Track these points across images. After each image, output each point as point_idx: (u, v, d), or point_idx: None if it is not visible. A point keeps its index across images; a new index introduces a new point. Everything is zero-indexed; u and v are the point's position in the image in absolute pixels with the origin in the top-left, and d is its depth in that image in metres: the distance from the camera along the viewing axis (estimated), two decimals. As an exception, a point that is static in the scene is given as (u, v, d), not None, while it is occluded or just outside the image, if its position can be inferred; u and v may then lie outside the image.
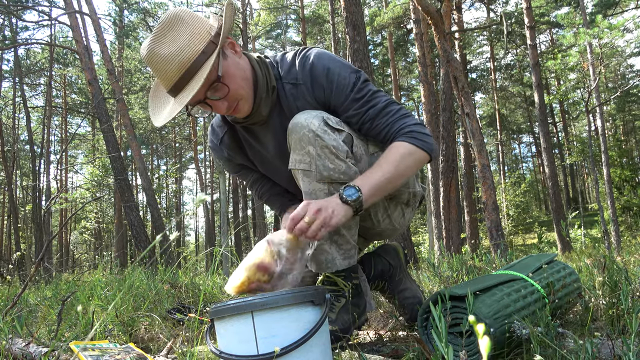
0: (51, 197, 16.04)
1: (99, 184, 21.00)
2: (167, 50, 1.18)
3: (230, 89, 1.26)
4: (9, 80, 18.83)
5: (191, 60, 1.18)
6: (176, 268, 3.31)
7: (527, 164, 40.67)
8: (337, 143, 1.29)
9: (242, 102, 1.31)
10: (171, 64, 1.18)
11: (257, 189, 1.64)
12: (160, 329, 1.71)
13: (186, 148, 29.99)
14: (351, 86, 1.34)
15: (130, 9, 17.16)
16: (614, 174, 18.79)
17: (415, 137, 1.33)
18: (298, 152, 1.31)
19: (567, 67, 13.56)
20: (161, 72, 1.20)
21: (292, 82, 1.37)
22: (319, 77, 1.34)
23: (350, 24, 5.99)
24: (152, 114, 1.34)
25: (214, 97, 1.25)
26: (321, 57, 1.36)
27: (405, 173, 1.32)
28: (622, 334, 1.22)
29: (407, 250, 5.79)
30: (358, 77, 1.36)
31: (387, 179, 1.28)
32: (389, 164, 1.29)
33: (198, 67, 1.18)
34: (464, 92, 6.47)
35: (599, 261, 1.95)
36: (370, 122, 1.36)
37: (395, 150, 1.32)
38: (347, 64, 1.38)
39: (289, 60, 1.39)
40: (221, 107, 1.29)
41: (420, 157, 1.33)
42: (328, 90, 1.35)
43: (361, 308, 1.47)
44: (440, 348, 0.76)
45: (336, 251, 1.37)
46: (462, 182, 15.17)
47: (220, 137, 1.55)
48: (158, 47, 1.19)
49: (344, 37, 7.38)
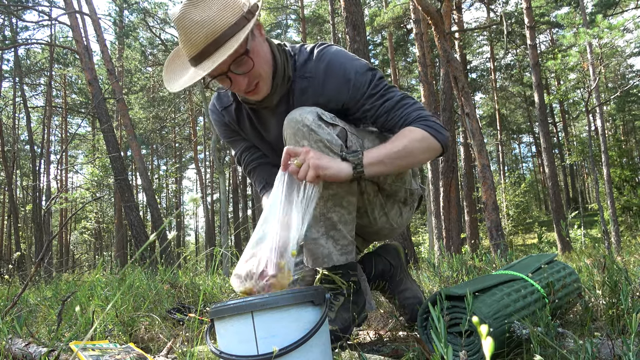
0: (51, 197, 16.04)
1: (99, 184, 21.01)
2: (199, 16, 1.18)
3: (255, 65, 1.27)
4: (9, 80, 18.84)
5: (222, 29, 1.18)
6: (176, 268, 3.31)
7: (527, 164, 40.70)
8: (331, 137, 1.29)
9: (261, 82, 1.32)
10: (201, 30, 1.18)
11: (245, 158, 1.62)
12: (160, 329, 1.71)
13: (186, 148, 29.99)
14: (367, 83, 1.37)
15: (130, 9, 17.16)
16: (614, 174, 18.79)
17: (431, 125, 1.33)
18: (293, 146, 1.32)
19: (567, 67, 13.57)
20: (189, 37, 1.19)
21: (305, 76, 1.39)
22: (335, 74, 1.36)
23: (350, 24, 5.99)
24: (167, 81, 1.33)
25: (237, 72, 1.26)
26: (338, 54, 1.38)
27: (413, 154, 1.31)
28: (622, 334, 1.22)
29: (407, 250, 5.78)
30: (374, 75, 1.38)
31: (394, 152, 1.28)
32: (398, 140, 1.31)
33: (227, 38, 1.19)
34: (464, 92, 6.47)
35: (599, 261, 1.95)
36: (386, 115, 1.38)
37: (408, 132, 1.33)
38: (364, 62, 1.40)
39: (306, 54, 1.40)
40: (242, 83, 1.29)
41: (432, 144, 1.33)
42: (344, 88, 1.36)
43: (360, 306, 1.46)
44: (439, 348, 0.76)
45: (333, 246, 1.36)
46: (462, 182, 15.17)
47: (225, 105, 1.55)
48: (191, 12, 1.19)
49: (344, 37, 7.38)
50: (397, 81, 22.43)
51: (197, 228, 40.01)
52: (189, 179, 48.39)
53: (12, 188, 15.08)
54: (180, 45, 1.27)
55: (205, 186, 27.75)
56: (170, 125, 26.31)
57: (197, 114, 25.48)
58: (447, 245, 10.47)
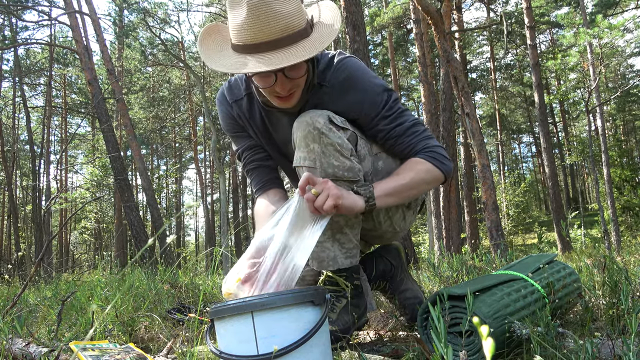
0: (51, 197, 16.05)
1: (99, 184, 21.01)
2: (279, 7, 1.15)
3: (304, 75, 1.28)
4: (9, 80, 18.84)
5: (297, 28, 1.18)
6: (176, 268, 3.31)
7: (527, 164, 40.72)
8: (341, 141, 1.30)
9: (297, 92, 1.32)
10: (280, 21, 1.15)
11: (246, 156, 1.59)
12: (160, 329, 1.71)
13: (186, 148, 29.99)
14: (383, 104, 1.39)
15: (130, 9, 17.15)
16: (614, 174, 18.79)
17: (436, 157, 1.40)
18: (303, 149, 1.31)
19: (567, 67, 13.59)
20: (263, 24, 1.14)
21: (323, 84, 1.39)
22: (353, 89, 1.37)
23: (350, 24, 5.99)
24: (207, 58, 1.26)
25: (288, 74, 1.24)
26: (358, 69, 1.38)
27: (419, 186, 1.39)
28: (622, 334, 1.22)
29: (407, 250, 5.79)
30: (389, 96, 1.41)
31: (401, 185, 1.35)
32: (405, 172, 1.37)
33: (297, 39, 1.18)
34: (464, 92, 6.47)
35: (599, 261, 1.95)
36: (394, 139, 1.42)
37: (414, 163, 1.40)
38: (381, 81, 1.41)
39: (326, 61, 1.40)
40: (286, 86, 1.27)
41: (436, 176, 1.41)
42: (360, 104, 1.38)
43: (361, 309, 1.47)
44: (439, 348, 0.76)
45: (338, 249, 1.38)
46: (462, 182, 15.18)
47: (236, 98, 1.52)
48: (270, 0, 1.15)
49: (344, 37, 7.38)
50: (397, 81, 22.43)
51: (197, 228, 40.05)
52: (189, 179, 48.49)
53: (12, 188, 15.08)
54: (235, 28, 1.19)
55: (205, 186, 27.75)
56: (170, 125, 26.31)
57: (197, 114, 25.49)
58: (447, 245, 10.47)
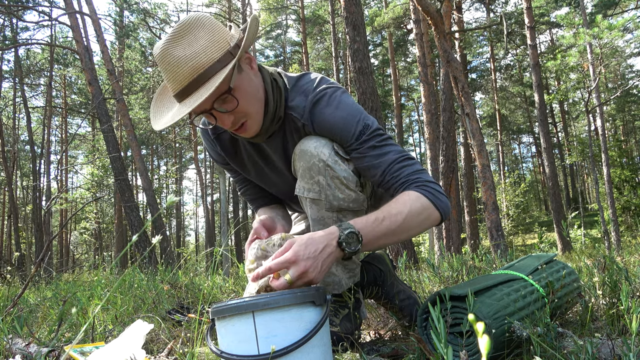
0: (51, 197, 16.04)
1: (99, 184, 21.00)
2: (182, 52, 1.14)
3: (240, 104, 1.22)
4: (9, 81, 18.83)
5: (205, 66, 1.14)
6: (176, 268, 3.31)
7: (527, 164, 40.72)
8: (347, 174, 1.28)
9: (250, 121, 1.27)
10: (184, 66, 1.14)
11: (241, 188, 1.64)
12: (161, 330, 1.71)
13: (186, 148, 30.01)
14: (357, 134, 1.27)
15: (130, 10, 17.16)
16: (614, 174, 18.77)
17: (431, 192, 1.24)
18: (307, 180, 1.30)
19: (567, 67, 13.57)
20: (172, 74, 1.15)
21: (294, 116, 1.33)
22: (324, 124, 1.29)
23: (350, 24, 5.99)
24: (152, 117, 1.29)
25: (220, 110, 1.21)
26: (329, 106, 1.29)
27: (411, 230, 1.22)
28: (622, 334, 1.22)
29: (406, 250, 5.79)
30: (366, 127, 1.28)
31: (391, 231, 1.19)
32: (397, 212, 1.19)
33: (210, 75, 1.14)
34: (464, 92, 6.47)
35: (599, 261, 1.95)
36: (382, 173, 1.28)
37: (409, 200, 1.22)
38: (357, 116, 1.29)
39: (301, 91, 1.33)
40: (226, 122, 1.24)
41: (432, 215, 1.24)
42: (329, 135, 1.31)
43: (360, 319, 1.51)
44: (439, 348, 0.76)
45: (342, 272, 1.40)
46: (462, 182, 15.18)
47: (218, 132, 1.49)
48: (173, 48, 1.15)
49: (344, 37, 7.37)
50: (397, 81, 22.43)
51: (197, 228, 40.07)
52: (189, 179, 48.47)
53: (12, 188, 15.08)
54: (165, 82, 1.23)
55: (205, 186, 27.74)
56: (170, 125, 26.26)
57: (197, 114, 25.44)
58: (447, 245, 10.47)
